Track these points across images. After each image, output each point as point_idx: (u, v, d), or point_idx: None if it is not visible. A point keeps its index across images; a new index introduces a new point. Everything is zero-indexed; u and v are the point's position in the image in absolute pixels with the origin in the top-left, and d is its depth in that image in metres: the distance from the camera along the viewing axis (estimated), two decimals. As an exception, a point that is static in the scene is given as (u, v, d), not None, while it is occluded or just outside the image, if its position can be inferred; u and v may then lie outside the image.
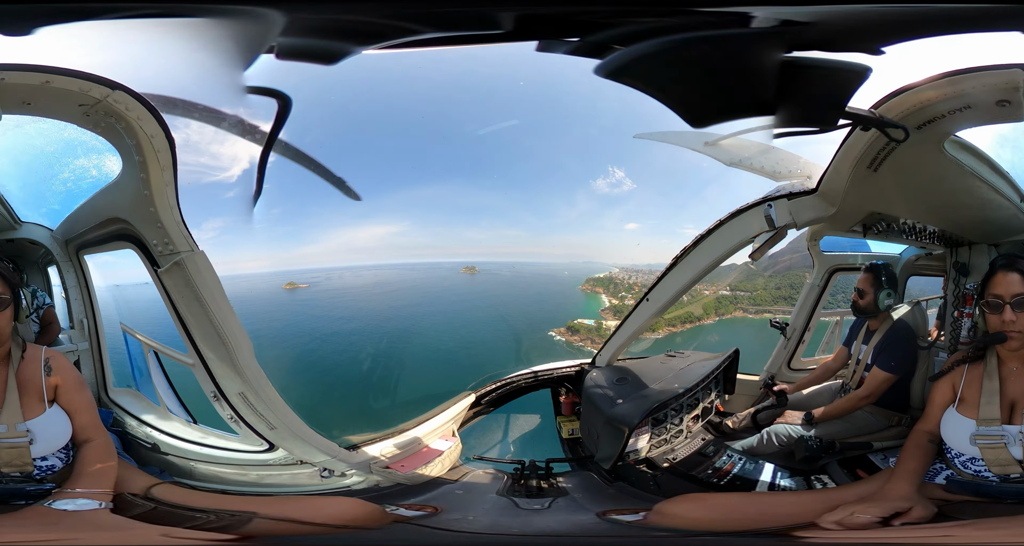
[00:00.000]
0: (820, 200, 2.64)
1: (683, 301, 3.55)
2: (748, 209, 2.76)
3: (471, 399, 3.21)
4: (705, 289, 3.75)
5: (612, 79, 2.25)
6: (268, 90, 2.54)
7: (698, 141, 2.83)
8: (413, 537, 2.34)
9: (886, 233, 2.80)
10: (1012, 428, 2.12)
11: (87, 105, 2.20)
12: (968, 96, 2.12)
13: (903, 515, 2.08)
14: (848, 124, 2.31)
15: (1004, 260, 2.24)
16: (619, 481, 2.81)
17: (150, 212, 2.37)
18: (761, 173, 2.75)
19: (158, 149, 2.30)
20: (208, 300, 2.43)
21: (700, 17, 2.18)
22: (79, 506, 2.08)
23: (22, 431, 2.12)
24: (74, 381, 2.26)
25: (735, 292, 3.66)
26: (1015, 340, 2.17)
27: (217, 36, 2.29)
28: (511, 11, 2.22)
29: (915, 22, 2.15)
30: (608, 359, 3.34)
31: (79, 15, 2.17)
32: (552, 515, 2.53)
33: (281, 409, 2.60)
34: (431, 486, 2.78)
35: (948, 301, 2.75)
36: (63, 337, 2.77)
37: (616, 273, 3.98)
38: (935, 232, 2.71)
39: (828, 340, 3.37)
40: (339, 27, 2.29)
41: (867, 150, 2.36)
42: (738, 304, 3.64)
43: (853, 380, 2.93)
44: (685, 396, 2.96)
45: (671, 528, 2.31)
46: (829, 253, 3.16)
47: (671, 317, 3.75)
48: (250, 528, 2.25)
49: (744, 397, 3.30)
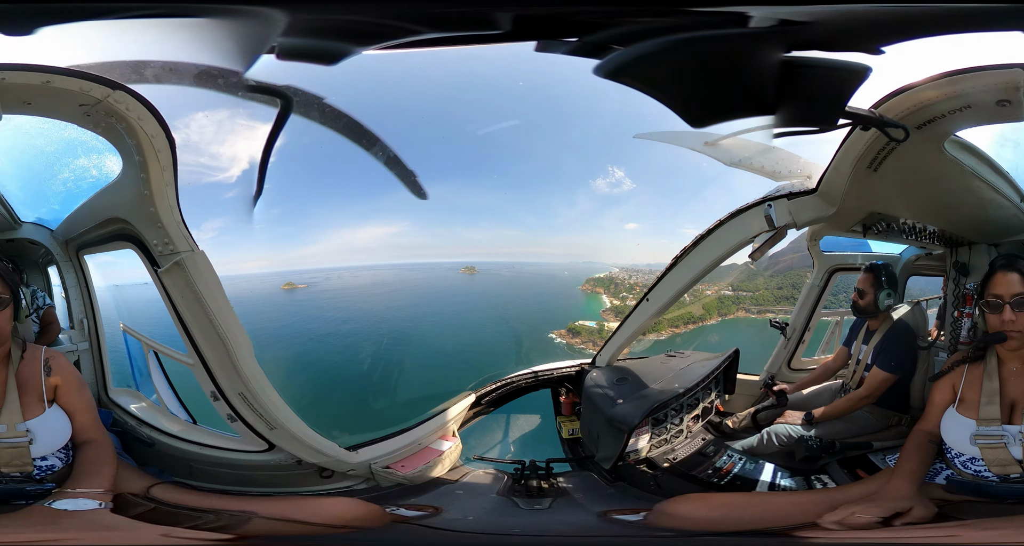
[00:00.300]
0: (820, 200, 2.64)
1: (685, 301, 3.55)
2: (748, 209, 2.76)
3: (471, 399, 3.21)
4: (707, 289, 3.75)
5: (611, 79, 2.25)
6: (269, 90, 2.54)
7: (698, 141, 2.83)
8: (413, 537, 2.34)
9: (886, 233, 2.80)
10: (1012, 428, 2.12)
11: (88, 105, 2.20)
12: (968, 96, 2.12)
13: (903, 515, 2.08)
14: (848, 124, 2.31)
15: (1004, 260, 2.25)
16: (619, 481, 2.81)
17: (150, 212, 2.37)
18: (761, 173, 2.75)
19: (158, 149, 2.30)
20: (208, 300, 2.43)
21: (699, 17, 2.18)
22: (79, 506, 2.08)
23: (22, 431, 2.12)
24: (74, 381, 2.26)
25: (737, 292, 3.66)
26: (1015, 340, 2.17)
27: (218, 36, 2.29)
28: (510, 11, 2.23)
29: (915, 22, 2.15)
30: (608, 359, 3.34)
31: (79, 15, 2.17)
32: (553, 515, 2.53)
33: (281, 409, 2.60)
34: (431, 486, 2.78)
35: (948, 301, 2.75)
36: (63, 337, 2.77)
37: (616, 273, 3.98)
38: (935, 232, 2.71)
39: (828, 340, 3.37)
40: (339, 27, 2.29)
41: (867, 150, 2.36)
42: (740, 304, 3.64)
43: (853, 380, 2.93)
44: (685, 396, 2.96)
45: (671, 528, 2.31)
46: (829, 253, 3.17)
47: (673, 317, 3.75)
48: (250, 528, 2.25)
49: (744, 397, 3.30)
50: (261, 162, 2.69)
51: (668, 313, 3.51)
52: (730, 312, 3.70)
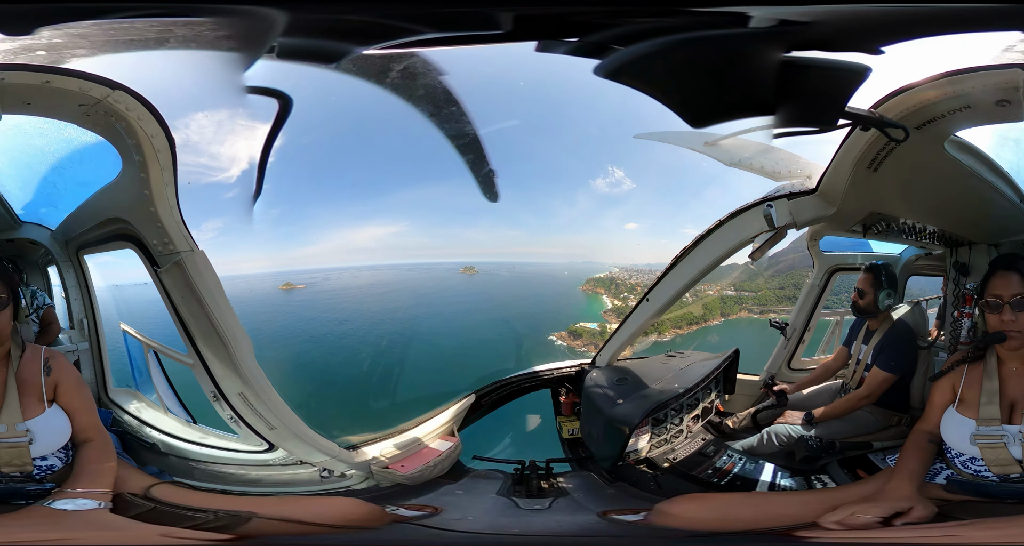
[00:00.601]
0: (820, 200, 2.64)
1: (687, 301, 3.54)
2: (748, 209, 2.76)
3: (471, 399, 3.21)
4: (709, 289, 3.75)
5: (611, 79, 2.25)
6: (269, 90, 2.54)
7: (698, 141, 2.83)
8: (414, 537, 2.33)
9: (886, 233, 2.80)
10: (1012, 428, 2.12)
11: (87, 105, 2.20)
12: (968, 96, 2.12)
13: (903, 515, 2.08)
14: (848, 124, 2.31)
15: (1003, 260, 2.25)
16: (619, 481, 2.81)
17: (150, 212, 2.37)
18: (761, 173, 2.75)
19: (158, 149, 2.30)
20: (208, 300, 2.43)
21: (699, 17, 2.18)
22: (78, 506, 2.07)
23: (22, 431, 2.12)
24: (74, 381, 2.26)
25: (740, 292, 3.65)
26: (1014, 339, 2.17)
27: (217, 36, 2.29)
28: (510, 11, 2.22)
29: (915, 22, 2.15)
30: (608, 359, 3.34)
31: (80, 15, 2.16)
32: (553, 515, 2.53)
33: (281, 409, 2.60)
34: (431, 486, 2.78)
35: (948, 301, 2.76)
36: (63, 337, 2.77)
37: (616, 273, 3.98)
38: (935, 232, 2.71)
39: (828, 340, 3.37)
40: (339, 27, 2.29)
41: (867, 150, 2.36)
42: (743, 304, 3.63)
43: (853, 380, 2.93)
44: (685, 396, 2.96)
45: (672, 528, 2.31)
46: (829, 253, 3.17)
47: (674, 317, 3.75)
48: (249, 528, 2.25)
49: (744, 397, 3.30)
50: (260, 162, 2.69)
51: (670, 313, 3.51)
52: (733, 312, 3.69)
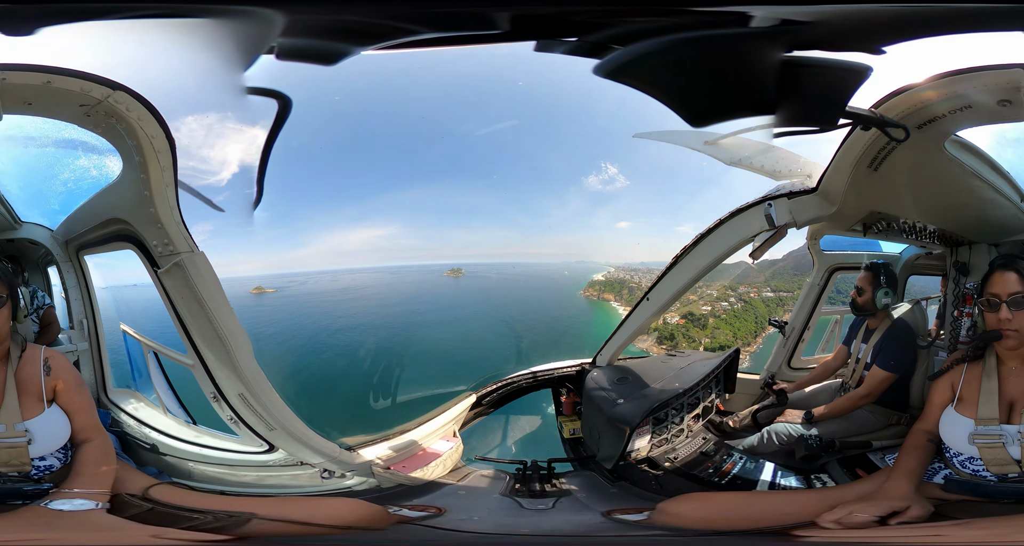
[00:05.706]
0: (820, 199, 2.65)
1: (739, 311, 3.50)
2: (748, 208, 2.76)
3: (472, 400, 3.21)
4: (709, 288, 3.74)
5: (611, 79, 2.25)
6: (268, 91, 2.54)
7: (698, 140, 2.83)
8: (419, 537, 2.33)
9: (886, 232, 2.81)
10: (1010, 428, 2.13)
11: (88, 105, 2.19)
12: (968, 96, 2.13)
13: (901, 514, 2.08)
14: (848, 124, 2.32)
15: (1002, 259, 2.26)
16: (621, 481, 2.81)
17: (150, 213, 2.37)
18: (761, 172, 2.75)
19: (158, 150, 2.30)
20: (208, 301, 2.42)
21: (699, 17, 2.18)
22: (76, 506, 2.07)
23: (20, 431, 2.12)
24: (73, 381, 2.25)
25: (779, 294, 3.62)
26: (1011, 338, 2.17)
27: (217, 36, 2.29)
28: (509, 11, 2.22)
29: (915, 22, 2.15)
30: (608, 359, 3.34)
31: (80, 15, 2.16)
32: (557, 515, 2.53)
33: (281, 410, 2.60)
34: (433, 487, 2.78)
35: (948, 300, 2.76)
36: (63, 337, 2.77)
37: (613, 273, 3.98)
38: (935, 231, 2.71)
39: (828, 339, 3.38)
40: (339, 27, 2.29)
41: (867, 149, 2.37)
42: (784, 306, 3.58)
43: (853, 379, 2.93)
44: (686, 395, 2.96)
45: (673, 527, 2.31)
46: (829, 252, 3.17)
47: (741, 333, 3.67)
48: (249, 529, 2.25)
49: (744, 396, 3.30)
50: (261, 163, 2.68)
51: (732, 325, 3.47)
52: (776, 314, 3.64)
